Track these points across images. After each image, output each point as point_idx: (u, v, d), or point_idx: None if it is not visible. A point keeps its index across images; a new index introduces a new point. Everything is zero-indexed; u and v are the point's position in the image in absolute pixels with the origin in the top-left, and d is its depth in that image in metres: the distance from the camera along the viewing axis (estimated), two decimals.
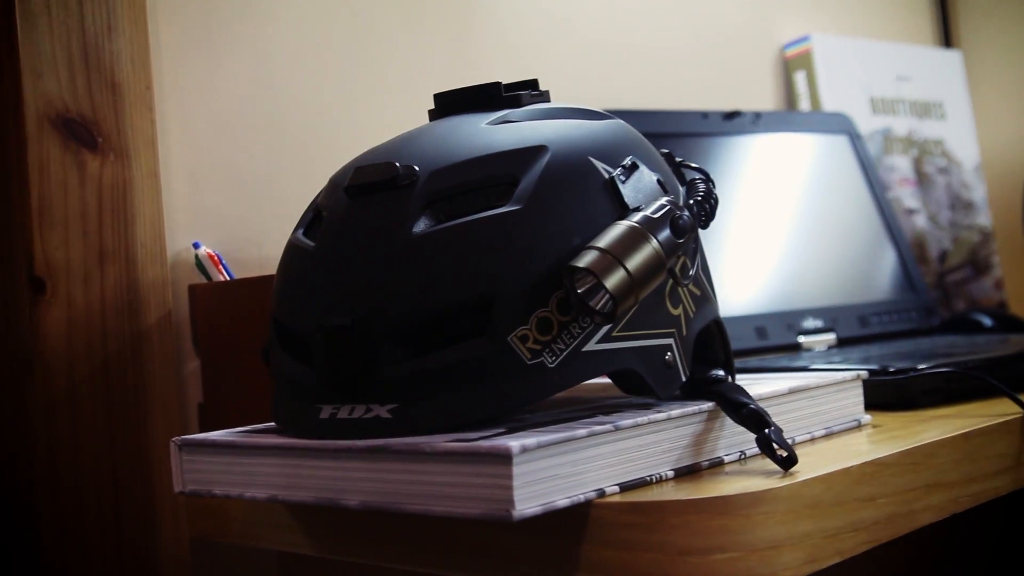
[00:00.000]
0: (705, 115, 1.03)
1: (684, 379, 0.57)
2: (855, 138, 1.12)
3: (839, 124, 1.12)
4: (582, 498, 0.48)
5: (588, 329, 0.52)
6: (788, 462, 0.52)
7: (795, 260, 1.02)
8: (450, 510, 0.47)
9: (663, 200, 0.54)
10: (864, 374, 0.67)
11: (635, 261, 0.51)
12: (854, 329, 1.01)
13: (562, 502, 0.47)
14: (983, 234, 1.33)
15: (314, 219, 0.59)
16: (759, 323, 0.96)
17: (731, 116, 1.05)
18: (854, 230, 1.07)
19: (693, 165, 0.64)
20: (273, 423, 0.59)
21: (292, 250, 0.58)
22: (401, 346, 0.52)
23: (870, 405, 0.72)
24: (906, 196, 1.27)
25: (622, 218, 0.53)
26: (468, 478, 0.47)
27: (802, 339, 0.97)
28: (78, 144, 0.67)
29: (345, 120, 0.88)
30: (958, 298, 1.29)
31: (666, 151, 0.65)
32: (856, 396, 0.66)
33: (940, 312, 1.25)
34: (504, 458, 0.45)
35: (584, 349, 0.52)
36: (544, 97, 0.62)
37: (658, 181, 0.58)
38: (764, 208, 1.02)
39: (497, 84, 0.61)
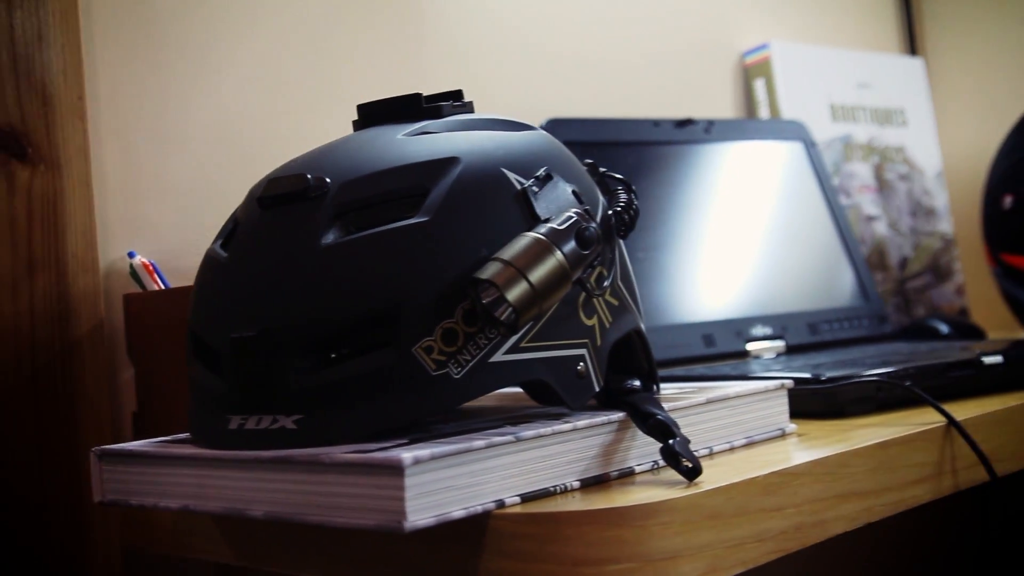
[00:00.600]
0: (656, 123, 1.04)
1: (597, 389, 0.57)
2: (810, 146, 1.13)
3: (794, 132, 1.13)
4: (479, 509, 0.48)
5: (495, 340, 0.53)
6: (692, 472, 0.52)
7: (746, 268, 1.02)
8: (348, 521, 0.48)
9: (571, 212, 0.54)
10: (789, 383, 0.67)
11: (538, 273, 0.51)
12: (804, 336, 1.01)
13: (458, 513, 0.48)
14: (944, 241, 1.34)
15: (231, 230, 0.59)
16: (707, 331, 0.96)
17: (683, 124, 1.05)
18: (807, 238, 1.07)
19: (617, 176, 0.65)
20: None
21: (208, 261, 0.58)
22: (308, 357, 0.52)
23: (802, 414, 0.73)
24: (866, 203, 1.28)
25: (531, 229, 0.53)
26: (364, 489, 0.47)
27: (750, 346, 0.98)
28: (7, 155, 0.67)
29: (284, 130, 0.88)
30: (919, 304, 1.30)
31: (590, 161, 0.65)
32: (781, 405, 0.67)
33: (900, 319, 1.26)
34: (396, 470, 0.46)
35: (491, 360, 0.53)
36: (467, 108, 0.63)
37: (574, 192, 0.58)
38: (715, 216, 1.02)
39: (418, 95, 0.61)
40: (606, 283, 0.59)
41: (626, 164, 1.00)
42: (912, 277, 1.30)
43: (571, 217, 0.54)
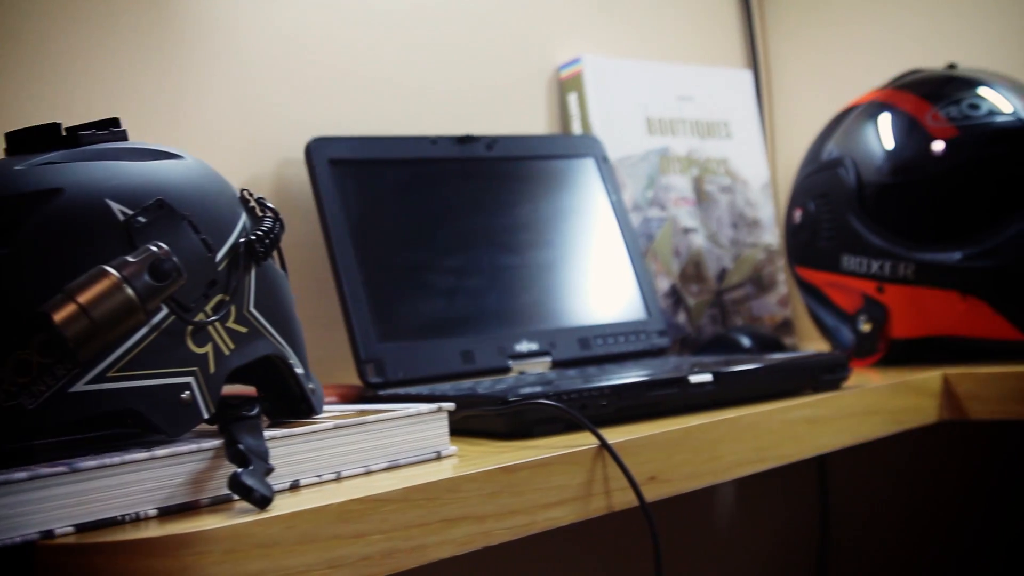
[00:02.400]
0: (434, 140, 1.05)
1: (206, 416, 0.58)
2: (601, 161, 1.14)
3: (586, 147, 1.14)
4: (19, 539, 0.49)
5: (75, 371, 0.54)
6: (262, 501, 0.53)
7: (519, 284, 1.03)
8: None
9: (151, 245, 0.55)
10: (449, 407, 0.68)
11: (99, 306, 0.52)
12: (574, 352, 1.02)
13: None
14: (768, 252, 1.35)
15: None
16: (466, 346, 0.97)
17: (464, 141, 1.06)
18: (590, 253, 1.09)
19: (268, 205, 0.66)
20: None
21: None
22: None
23: (491, 434, 0.74)
24: (683, 215, 1.29)
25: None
26: None
27: (513, 363, 0.99)
28: None
29: None
30: (737, 316, 1.31)
31: (245, 189, 0.66)
32: (439, 428, 0.68)
33: (717, 330, 1.27)
34: None
35: (72, 390, 0.54)
36: (118, 136, 0.64)
37: (189, 222, 0.59)
38: (491, 232, 1.03)
39: (55, 125, 0.62)
40: (228, 311, 0.60)
41: (401, 181, 1.01)
42: (731, 289, 1.31)
43: (148, 250, 0.55)
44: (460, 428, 0.79)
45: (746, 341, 1.19)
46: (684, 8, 1.45)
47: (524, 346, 1.00)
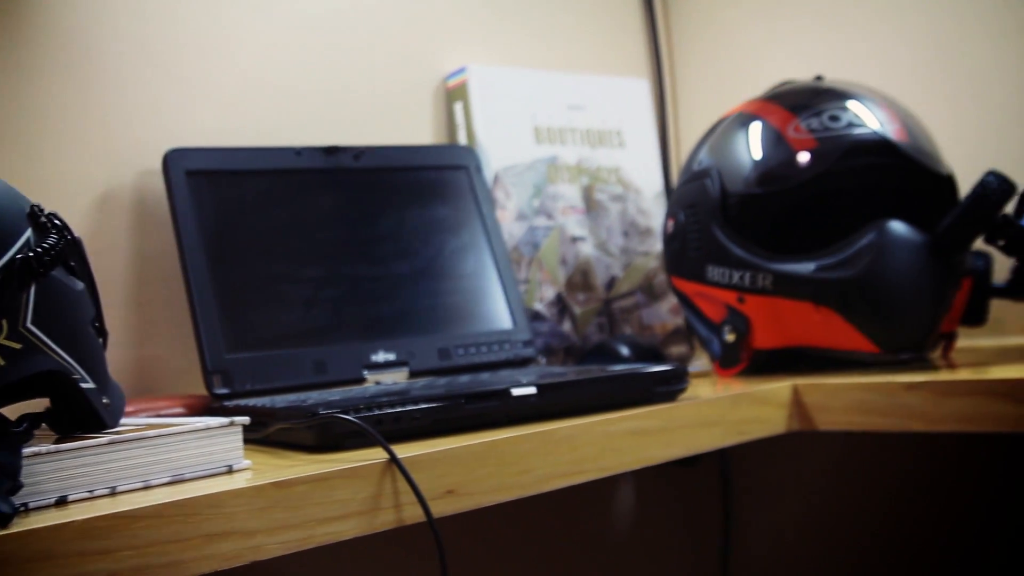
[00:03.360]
0: (298, 152, 1.05)
1: None
2: (474, 171, 1.14)
3: (458, 157, 1.14)
4: None
5: None
6: (3, 519, 0.53)
7: (379, 294, 1.03)
8: None
9: None
10: (244, 420, 0.68)
11: None
12: (433, 362, 1.03)
13: None
14: (660, 260, 1.35)
15: None
16: (320, 357, 0.97)
17: (331, 152, 1.07)
18: (455, 264, 1.09)
19: (57, 221, 0.66)
20: None
21: None
22: None
23: (303, 447, 0.75)
24: (571, 224, 1.29)
25: None
26: None
27: (368, 373, 0.99)
28: None
29: None
30: (627, 324, 1.32)
31: (36, 205, 0.67)
32: (232, 442, 0.68)
33: (604, 338, 1.27)
34: None
35: None
36: None
37: None
38: (354, 243, 1.04)
39: None
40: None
41: (263, 193, 1.02)
42: (619, 297, 1.32)
43: None
44: (278, 441, 0.79)
45: (625, 350, 1.19)
46: (587, 18, 1.45)
47: (381, 356, 1.01)
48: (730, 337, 1.07)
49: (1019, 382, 0.84)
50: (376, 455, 0.69)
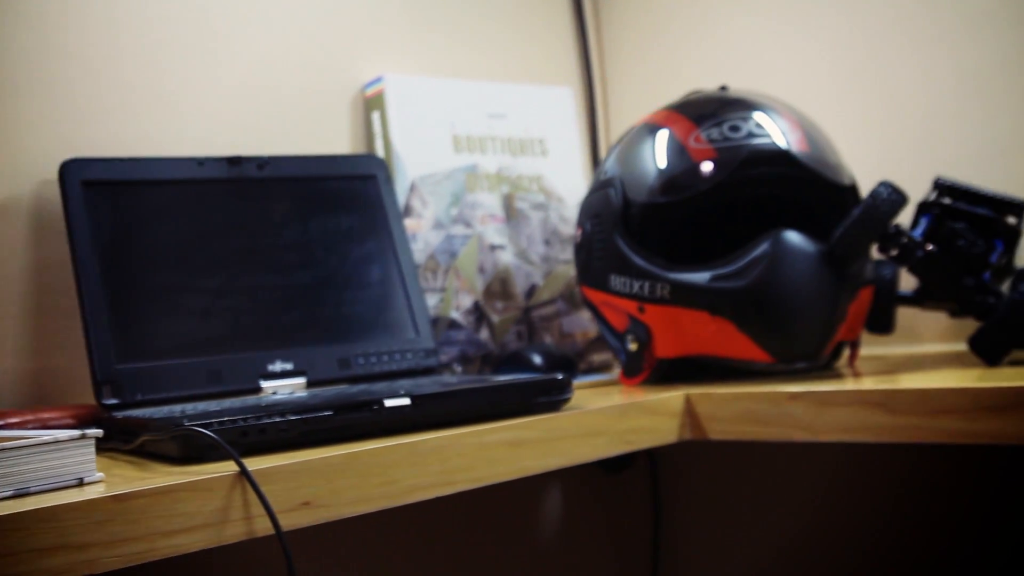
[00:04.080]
0: (201, 162, 1.05)
1: None
2: (382, 180, 1.15)
3: (367, 166, 1.15)
4: None
5: None
6: None
7: (279, 304, 1.03)
8: None
9: None
10: (96, 433, 0.68)
11: None
12: (332, 372, 1.03)
13: None
14: None
15: None
16: (215, 367, 0.98)
17: (234, 162, 1.07)
18: (358, 273, 1.09)
19: None
20: None
21: None
22: None
23: (168, 458, 0.75)
24: (491, 232, 1.30)
25: None
26: None
27: (265, 383, 0.99)
28: None
29: None
30: (546, 332, 1.32)
31: None
32: (84, 455, 0.68)
33: (522, 346, 1.28)
34: None
35: None
36: None
37: None
38: (253, 252, 1.04)
39: None
40: None
41: (163, 203, 1.02)
42: (540, 305, 1.32)
43: None
44: (151, 452, 0.80)
45: (537, 359, 1.20)
46: (517, 28, 1.46)
47: (278, 366, 1.01)
48: (633, 346, 1.08)
49: (892, 392, 0.84)
50: (231, 467, 0.69)
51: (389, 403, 0.81)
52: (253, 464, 0.70)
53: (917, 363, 1.07)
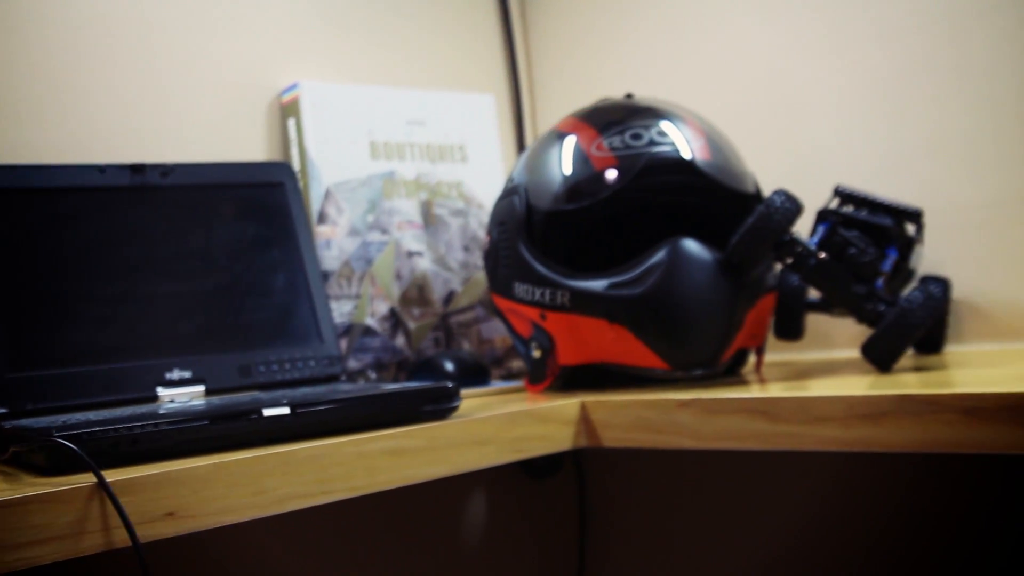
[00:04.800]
0: (102, 169, 1.05)
1: None
2: (290, 187, 1.15)
3: (274, 173, 1.15)
4: None
5: None
6: None
7: (179, 312, 1.03)
8: None
9: None
10: None
11: None
12: (233, 380, 1.03)
13: None
14: None
15: None
16: (111, 375, 0.97)
17: (137, 169, 1.07)
18: (262, 280, 1.09)
19: None
20: None
21: None
22: None
23: (39, 468, 0.75)
24: (408, 239, 1.30)
25: None
26: None
27: (163, 391, 0.99)
28: None
29: None
30: (464, 339, 1.32)
31: None
32: None
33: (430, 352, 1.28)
34: None
35: None
36: None
37: None
38: (152, 260, 1.04)
39: None
40: None
41: (61, 211, 1.02)
42: (458, 311, 1.32)
43: None
44: (26, 463, 0.79)
45: (449, 366, 1.20)
46: (441, 34, 1.46)
47: (176, 374, 1.01)
48: (536, 353, 1.08)
49: (774, 400, 0.85)
50: (90, 478, 0.69)
51: (268, 412, 0.81)
52: (122, 475, 0.70)
53: (823, 369, 1.08)
